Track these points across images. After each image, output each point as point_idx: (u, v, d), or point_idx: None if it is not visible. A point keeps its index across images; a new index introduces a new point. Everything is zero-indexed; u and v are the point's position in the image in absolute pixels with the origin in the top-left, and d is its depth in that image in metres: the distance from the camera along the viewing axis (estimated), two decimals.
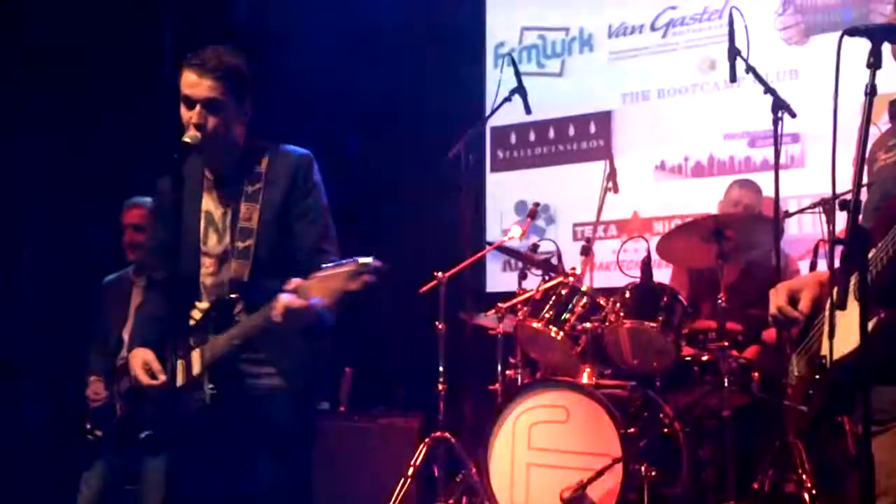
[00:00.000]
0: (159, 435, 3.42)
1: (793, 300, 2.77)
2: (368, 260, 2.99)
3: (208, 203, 3.45)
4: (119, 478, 5.09)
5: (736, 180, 5.77)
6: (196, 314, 3.44)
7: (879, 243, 2.51)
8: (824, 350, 2.65)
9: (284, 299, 3.06)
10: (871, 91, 2.59)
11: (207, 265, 3.42)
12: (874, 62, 2.58)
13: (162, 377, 3.35)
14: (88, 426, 5.06)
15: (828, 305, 2.50)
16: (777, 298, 2.79)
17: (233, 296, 3.34)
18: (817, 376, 2.71)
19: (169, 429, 3.37)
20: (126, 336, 5.19)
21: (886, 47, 2.63)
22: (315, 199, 3.42)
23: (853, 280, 2.46)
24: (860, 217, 2.46)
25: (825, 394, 2.62)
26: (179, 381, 3.36)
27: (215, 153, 3.39)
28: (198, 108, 3.29)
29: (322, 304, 3.04)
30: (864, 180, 2.72)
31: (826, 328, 2.60)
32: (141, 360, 3.39)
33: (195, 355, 3.36)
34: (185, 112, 3.32)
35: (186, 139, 3.26)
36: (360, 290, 2.98)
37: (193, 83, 3.28)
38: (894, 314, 2.49)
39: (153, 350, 3.41)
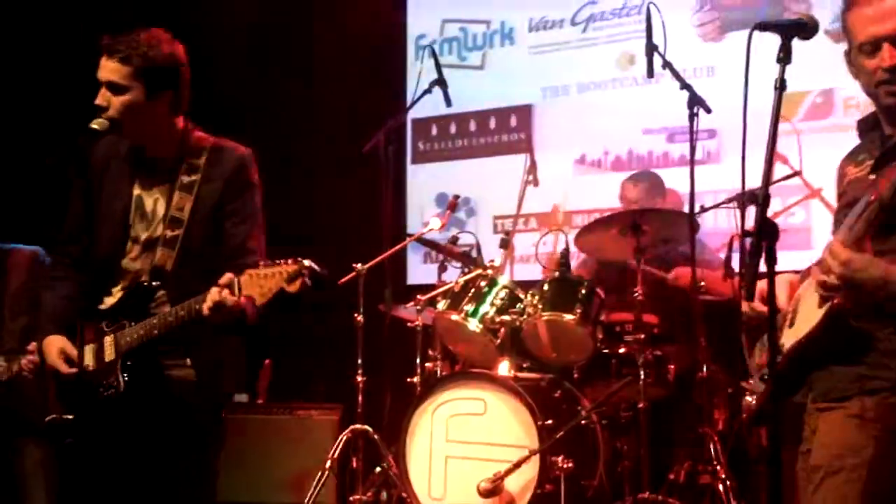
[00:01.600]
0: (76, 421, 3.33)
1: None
2: (309, 262, 2.95)
3: (139, 188, 3.37)
4: None
5: (629, 177, 5.85)
6: (109, 299, 3.36)
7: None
8: (782, 339, 2.80)
9: (215, 293, 3.01)
10: (781, 86, 2.63)
11: (131, 250, 3.34)
12: (784, 57, 2.61)
13: (75, 360, 3.29)
14: None
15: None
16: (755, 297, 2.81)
17: (154, 283, 3.27)
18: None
19: (84, 414, 3.31)
20: None
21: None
22: (248, 200, 3.36)
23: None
24: (767, 212, 2.52)
25: (775, 379, 2.69)
26: (91, 365, 3.29)
27: (135, 138, 3.34)
28: (102, 89, 3.24)
29: (254, 302, 2.98)
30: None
31: (788, 320, 2.86)
32: (57, 347, 3.32)
33: (108, 340, 3.28)
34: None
35: (93, 125, 3.21)
36: (297, 292, 2.93)
37: (101, 66, 3.24)
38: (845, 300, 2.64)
39: (65, 335, 3.35)
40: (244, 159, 3.39)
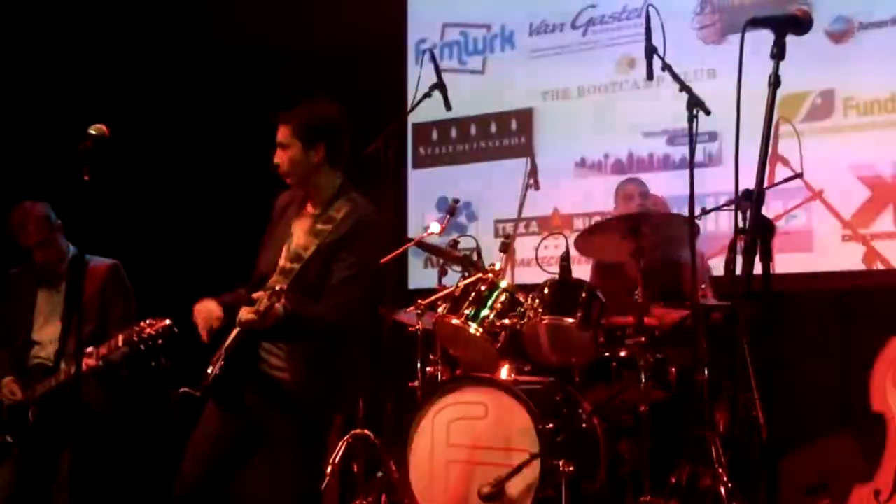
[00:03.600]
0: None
1: None
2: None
3: (295, 227, 3.95)
4: (30, 479, 5.02)
5: (623, 180, 5.87)
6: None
7: None
8: None
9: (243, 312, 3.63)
10: (776, 82, 2.63)
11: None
12: (778, 53, 2.61)
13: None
14: None
15: None
16: None
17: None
18: None
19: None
20: (38, 338, 5.12)
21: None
22: (353, 252, 3.81)
23: None
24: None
25: None
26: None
27: (298, 186, 3.98)
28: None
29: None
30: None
31: None
32: (206, 308, 3.83)
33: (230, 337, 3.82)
34: None
35: (91, 130, 3.77)
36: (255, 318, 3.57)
37: (278, 132, 3.93)
38: None
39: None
40: (361, 221, 3.87)
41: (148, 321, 4.65)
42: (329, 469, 5.18)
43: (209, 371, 3.78)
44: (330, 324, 3.77)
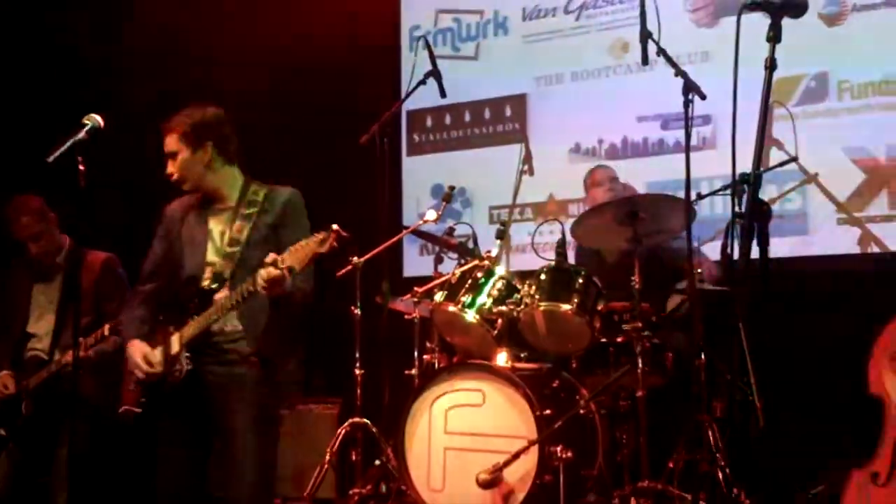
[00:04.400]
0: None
1: None
2: (335, 227, 3.62)
3: (212, 224, 4.07)
4: (27, 472, 5.02)
5: (590, 168, 5.92)
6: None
7: None
8: None
9: (264, 271, 3.66)
10: (772, 65, 2.63)
11: (206, 272, 4.00)
12: (774, 35, 2.61)
13: (155, 362, 3.93)
14: None
15: None
16: None
17: (214, 286, 3.91)
18: None
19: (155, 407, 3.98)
20: (34, 331, 5.12)
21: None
22: (301, 235, 3.85)
23: None
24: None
25: None
26: (159, 364, 3.94)
27: (196, 190, 4.10)
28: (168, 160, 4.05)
29: (294, 270, 3.63)
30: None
31: None
32: (140, 351, 3.96)
33: (174, 338, 3.93)
34: None
35: (85, 120, 3.80)
36: (327, 252, 3.63)
37: (165, 143, 4.04)
38: None
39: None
40: (293, 197, 4.08)
41: None
42: (328, 457, 5.20)
43: (178, 368, 3.90)
44: (309, 295, 3.93)
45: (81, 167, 3.69)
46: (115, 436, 5.15)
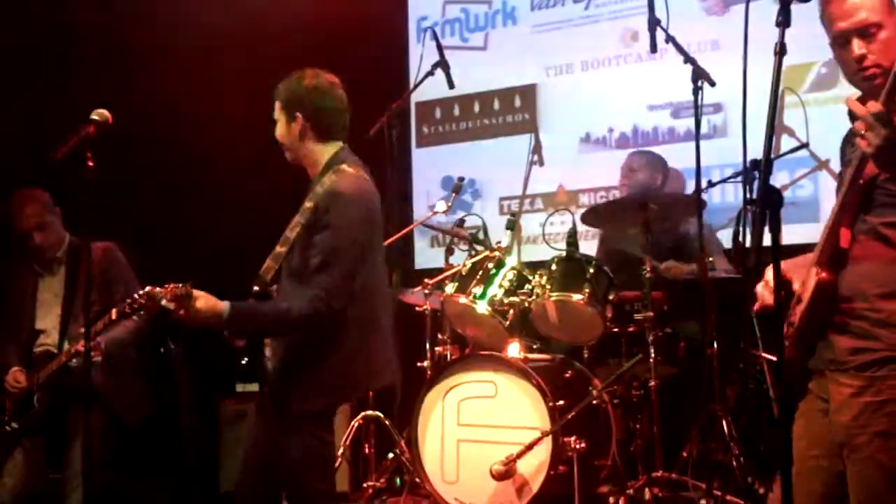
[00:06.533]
0: None
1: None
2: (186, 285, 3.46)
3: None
4: (42, 466, 5.04)
5: (633, 152, 5.90)
6: None
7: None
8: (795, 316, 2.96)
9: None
10: (781, 50, 2.62)
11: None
12: (783, 20, 2.60)
13: None
14: (6, 417, 4.98)
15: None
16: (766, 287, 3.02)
17: (255, 289, 3.60)
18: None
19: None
20: (41, 327, 5.12)
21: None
22: (325, 236, 3.62)
23: None
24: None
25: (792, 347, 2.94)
26: None
27: (292, 161, 3.90)
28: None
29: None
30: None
31: (797, 298, 2.99)
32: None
33: None
34: None
35: (93, 115, 3.76)
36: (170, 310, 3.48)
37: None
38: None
39: None
40: (341, 197, 3.65)
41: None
42: (341, 450, 5.20)
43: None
44: (288, 320, 3.57)
45: (90, 163, 3.68)
46: (130, 432, 5.16)
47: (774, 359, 3.51)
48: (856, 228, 2.85)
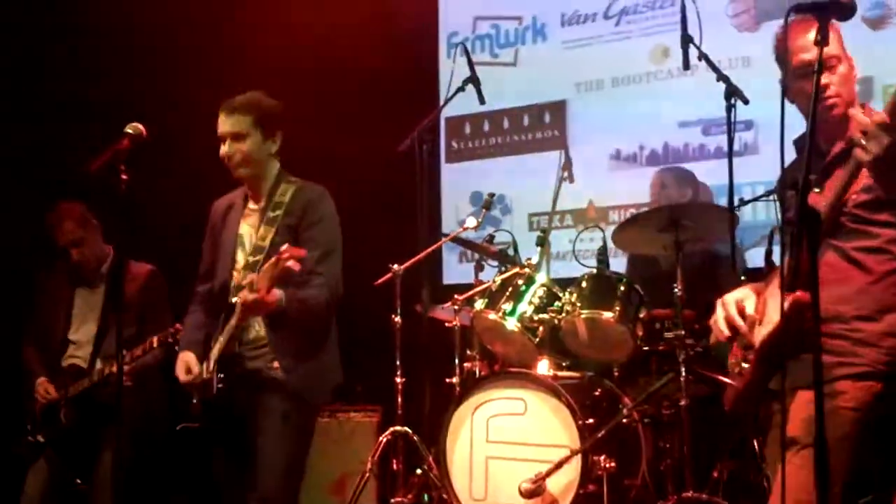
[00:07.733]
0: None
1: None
2: (285, 246, 3.59)
3: (244, 226, 4.06)
4: (65, 477, 5.04)
5: (660, 168, 5.88)
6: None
7: None
8: (754, 338, 3.05)
9: (241, 296, 3.71)
10: (819, 68, 2.62)
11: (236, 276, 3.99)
12: (822, 39, 2.60)
13: (195, 372, 3.93)
14: (30, 428, 5.01)
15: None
16: (727, 309, 3.12)
17: (233, 300, 3.82)
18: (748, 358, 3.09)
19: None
20: (74, 338, 5.14)
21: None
22: (317, 231, 3.95)
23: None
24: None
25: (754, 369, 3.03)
26: (199, 375, 3.95)
27: (248, 178, 4.07)
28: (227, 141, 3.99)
29: (265, 289, 3.63)
30: None
31: (757, 321, 3.07)
32: (183, 361, 3.99)
33: (213, 351, 3.91)
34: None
35: (127, 129, 3.71)
36: (281, 272, 3.58)
37: (220, 121, 3.99)
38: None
39: (195, 352, 4.02)
40: (314, 194, 4.03)
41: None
42: (369, 466, 5.19)
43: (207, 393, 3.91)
44: (322, 304, 3.87)
45: (124, 176, 3.70)
46: (153, 447, 5.16)
47: None
48: (821, 252, 2.85)
